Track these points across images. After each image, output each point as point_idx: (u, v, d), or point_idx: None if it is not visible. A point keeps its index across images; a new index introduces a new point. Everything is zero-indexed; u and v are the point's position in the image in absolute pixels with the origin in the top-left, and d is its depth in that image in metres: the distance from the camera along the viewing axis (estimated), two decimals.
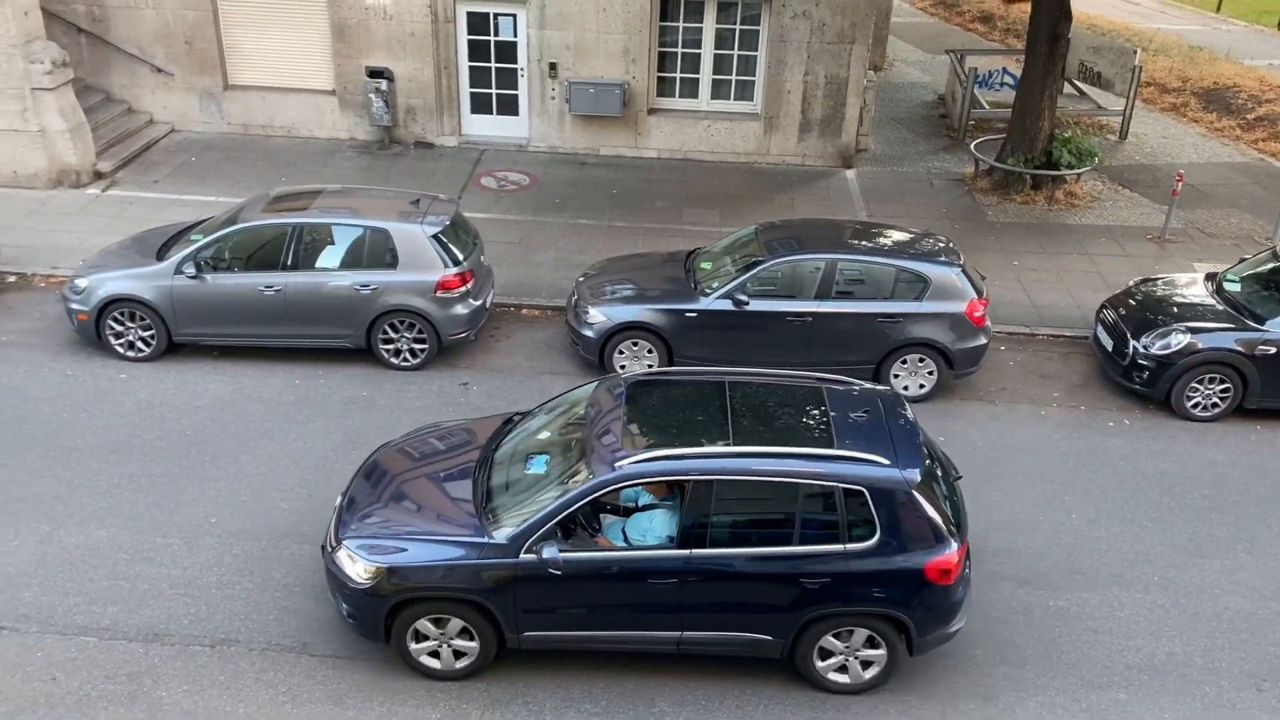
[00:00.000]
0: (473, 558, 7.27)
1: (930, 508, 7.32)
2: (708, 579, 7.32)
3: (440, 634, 7.53)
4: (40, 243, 13.74)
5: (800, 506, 7.32)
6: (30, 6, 14.67)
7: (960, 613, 7.64)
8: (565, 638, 7.59)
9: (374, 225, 11.27)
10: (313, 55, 17.39)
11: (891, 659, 7.64)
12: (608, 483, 7.25)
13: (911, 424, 7.91)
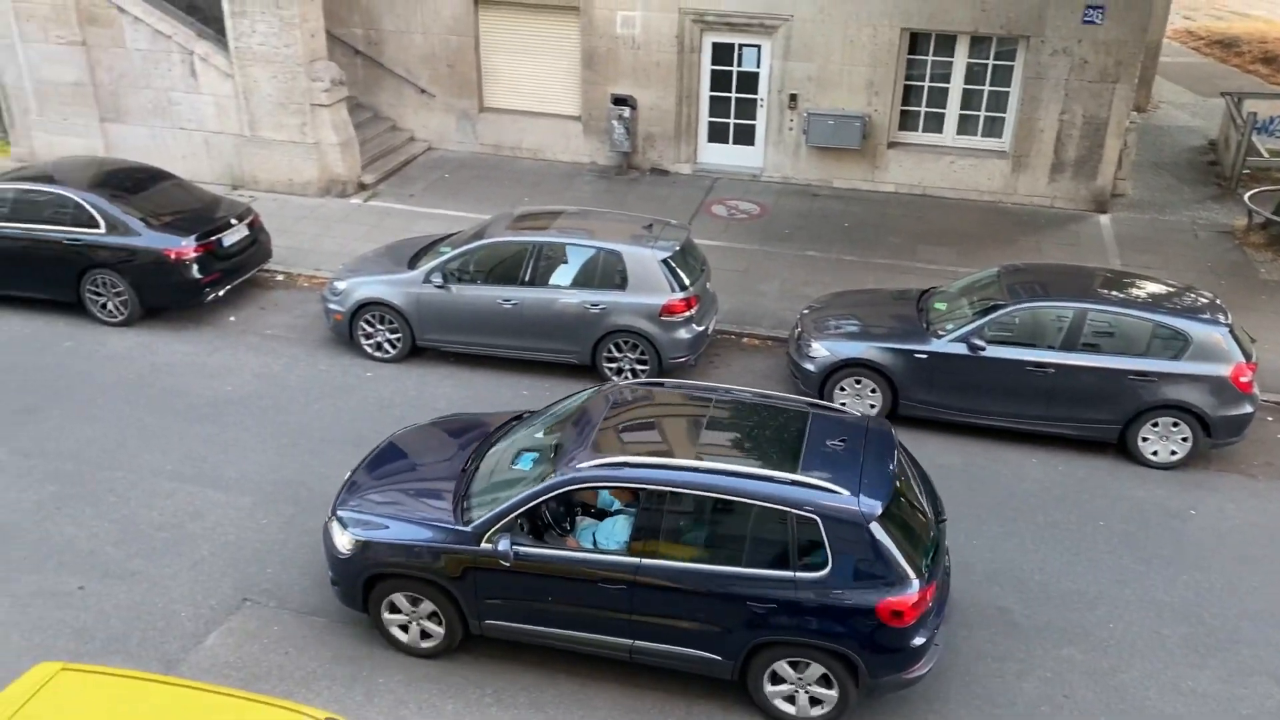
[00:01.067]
0: (440, 541, 7.56)
1: (890, 544, 6.96)
2: (657, 589, 7.26)
3: (413, 611, 7.85)
4: (307, 245, 14.92)
5: (752, 528, 7.17)
6: (317, 29, 16.04)
7: (923, 659, 7.19)
8: (523, 630, 7.72)
9: (607, 247, 11.53)
10: (562, 82, 18.11)
11: (843, 699, 7.32)
12: (562, 484, 7.37)
13: (891, 458, 7.52)
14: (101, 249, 12.36)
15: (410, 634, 7.98)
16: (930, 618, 7.20)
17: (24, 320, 12.79)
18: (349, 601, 8.04)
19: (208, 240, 12.59)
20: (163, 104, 16.62)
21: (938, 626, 7.36)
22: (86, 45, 16.38)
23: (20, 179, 12.99)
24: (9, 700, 5.52)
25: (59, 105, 16.94)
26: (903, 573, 6.99)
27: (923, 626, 7.13)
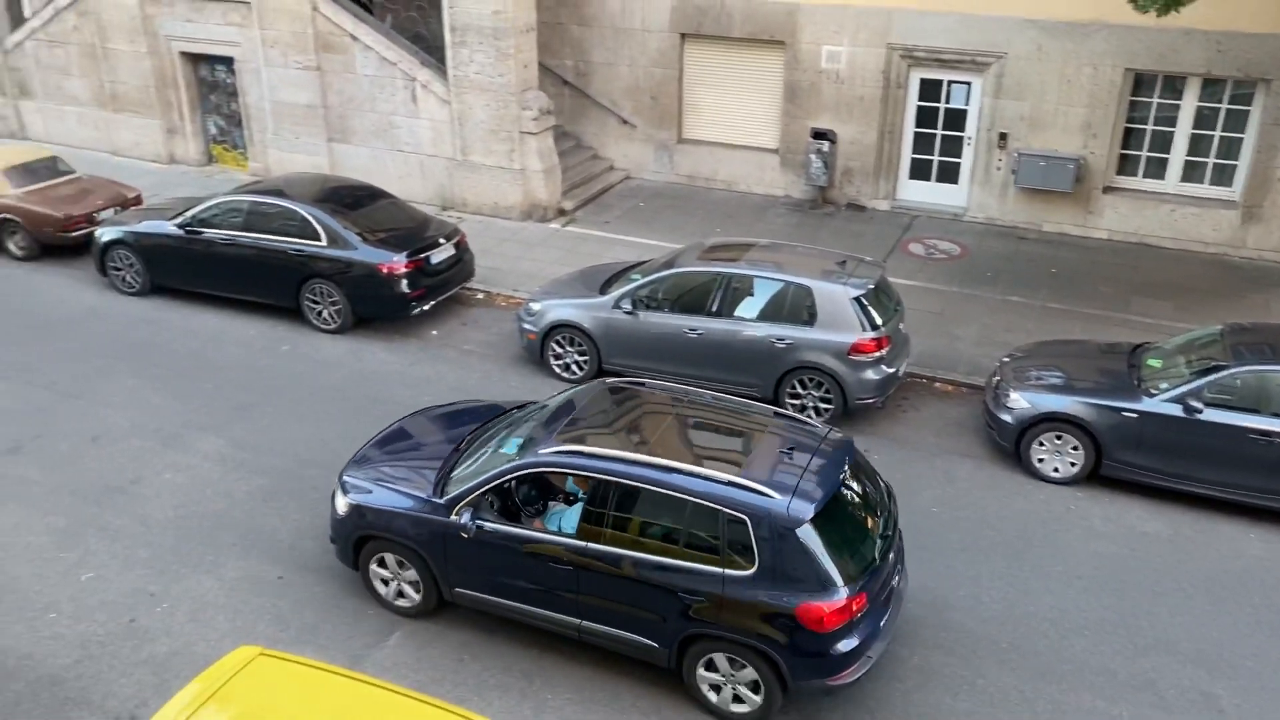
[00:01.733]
0: (418, 511, 8.23)
1: (818, 550, 7.11)
2: (601, 573, 7.64)
3: (396, 573, 8.53)
4: (507, 267, 15.48)
5: (687, 523, 7.44)
6: (530, 60, 16.69)
7: (848, 669, 7.26)
8: (485, 600, 8.26)
9: (797, 282, 11.40)
10: (762, 115, 18.13)
11: (768, 699, 7.47)
12: (521, 466, 7.93)
13: (840, 469, 7.67)
14: (321, 260, 13.21)
15: (390, 591, 8.64)
16: (858, 627, 7.26)
17: (248, 323, 13.80)
18: (343, 558, 8.78)
19: (417, 257, 13.24)
20: (384, 127, 17.67)
21: (872, 638, 7.41)
22: (321, 70, 17.64)
23: (254, 192, 14.06)
24: (212, 678, 5.90)
25: (292, 125, 18.29)
26: (829, 579, 7.13)
27: (848, 635, 7.21)
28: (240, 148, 19.50)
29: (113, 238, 14.38)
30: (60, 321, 13.78)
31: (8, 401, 11.78)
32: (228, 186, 15.83)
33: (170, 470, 10.56)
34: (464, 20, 16.24)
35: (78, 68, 20.01)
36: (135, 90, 19.51)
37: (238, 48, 18.33)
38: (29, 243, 15.52)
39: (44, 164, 16.19)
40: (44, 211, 15.33)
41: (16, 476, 10.39)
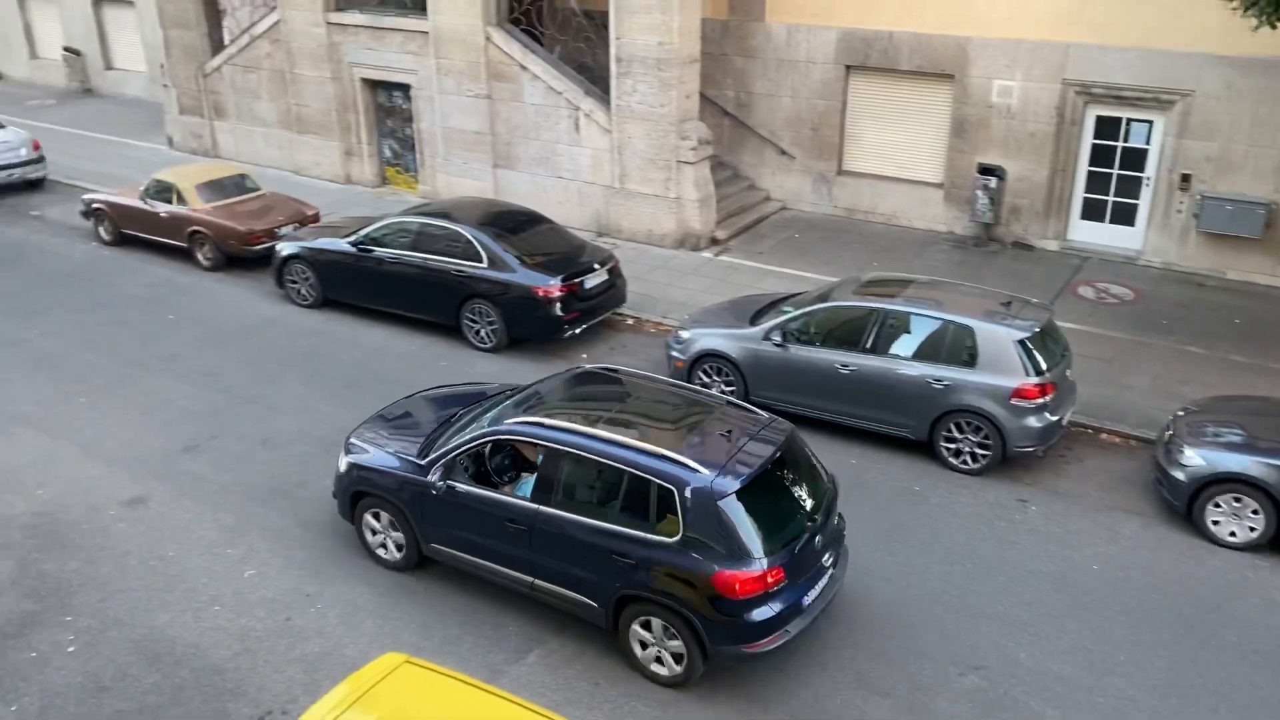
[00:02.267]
0: (402, 470, 9.06)
1: (738, 522, 7.61)
2: (550, 535, 8.28)
3: (385, 529, 9.37)
4: (657, 294, 15.58)
5: (625, 491, 8.00)
6: (692, 91, 16.84)
7: (764, 638, 7.70)
8: (454, 556, 9.02)
9: (958, 321, 11.04)
10: (926, 148, 17.75)
11: (690, 661, 7.98)
12: (487, 434, 8.72)
13: (774, 452, 8.11)
14: (482, 281, 13.60)
15: (374, 542, 9.54)
16: (775, 599, 7.70)
17: (410, 338, 14.32)
18: (343, 513, 9.68)
19: (572, 281, 13.49)
20: (547, 154, 18.12)
21: (792, 613, 7.84)
22: (490, 99, 18.26)
23: (423, 214, 14.62)
24: (359, 682, 6.09)
25: (461, 150, 18.97)
26: (746, 550, 7.62)
27: (764, 605, 7.66)
28: (411, 171, 20.35)
29: (291, 252, 15.20)
30: (239, 329, 14.62)
31: (190, 403, 12.55)
32: (398, 207, 16.54)
33: (331, 477, 11.00)
34: (629, 51, 16.53)
35: (267, 91, 21.33)
36: (318, 114, 20.65)
37: (415, 75, 19.18)
38: (216, 254, 16.57)
39: (233, 181, 17.29)
40: (230, 225, 16.36)
41: (194, 473, 11.04)
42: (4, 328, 14.54)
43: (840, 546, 8.68)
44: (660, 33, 16.14)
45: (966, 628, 8.87)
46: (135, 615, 8.93)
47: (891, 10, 17.11)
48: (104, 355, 13.74)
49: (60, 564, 9.59)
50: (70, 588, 9.28)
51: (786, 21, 18.09)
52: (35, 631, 8.75)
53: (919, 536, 10.07)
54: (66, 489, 10.76)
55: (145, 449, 11.51)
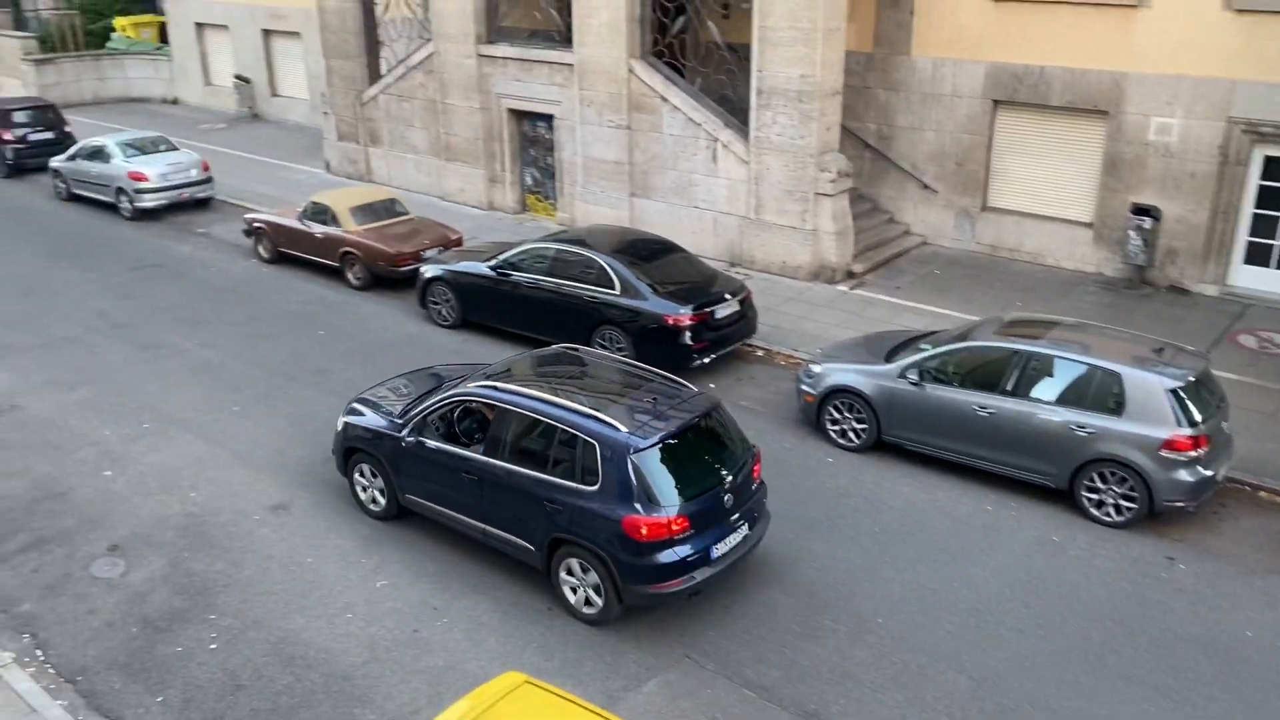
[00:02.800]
0: (382, 429, 10.31)
1: (649, 474, 8.64)
2: (496, 485, 9.40)
3: (370, 481, 10.60)
4: (789, 326, 15.46)
5: (557, 446, 9.07)
6: (833, 123, 16.72)
7: (670, 580, 8.66)
8: (424, 505, 10.20)
9: (1105, 366, 10.58)
10: (1076, 186, 17.15)
11: (606, 598, 8.92)
12: (450, 396, 9.97)
13: (691, 417, 9.12)
14: (613, 308, 13.77)
15: (366, 498, 10.75)
16: (680, 545, 8.67)
17: None
18: (340, 468, 10.96)
19: (703, 311, 13.52)
20: (683, 184, 18.27)
21: (699, 562, 8.79)
22: (630, 129, 18.53)
23: (560, 240, 14.92)
24: (480, 699, 6.19)
25: (599, 179, 19.30)
26: (654, 499, 8.62)
27: (668, 549, 8.64)
28: (551, 198, 20.81)
29: (434, 274, 15.72)
30: (383, 347, 15.18)
31: (334, 416, 12.99)
32: (537, 234, 16.91)
33: None
34: (771, 84, 16.54)
35: (419, 120, 22.19)
36: (466, 142, 21.35)
37: (558, 106, 19.65)
38: (365, 274, 17.28)
39: (383, 204, 18.02)
40: (379, 247, 17.04)
41: (334, 484, 11.47)
42: (168, 337, 15.47)
43: (758, 510, 9.59)
44: (803, 65, 16.10)
45: (1104, 689, 8.43)
46: (273, 618, 9.31)
47: (1044, 45, 16.64)
48: (257, 367, 14.46)
49: (208, 564, 10.10)
50: (215, 587, 9.75)
51: (932, 55, 17.81)
52: (182, 627, 9.22)
53: (1055, 589, 9.65)
54: (217, 492, 11.34)
55: (291, 458, 12.03)
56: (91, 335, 15.58)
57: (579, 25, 18.63)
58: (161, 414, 13.08)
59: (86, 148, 22.30)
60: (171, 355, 14.82)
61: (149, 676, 8.64)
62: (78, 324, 15.98)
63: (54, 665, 8.77)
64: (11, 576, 9.92)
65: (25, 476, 11.66)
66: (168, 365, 14.47)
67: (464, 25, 20.41)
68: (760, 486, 9.68)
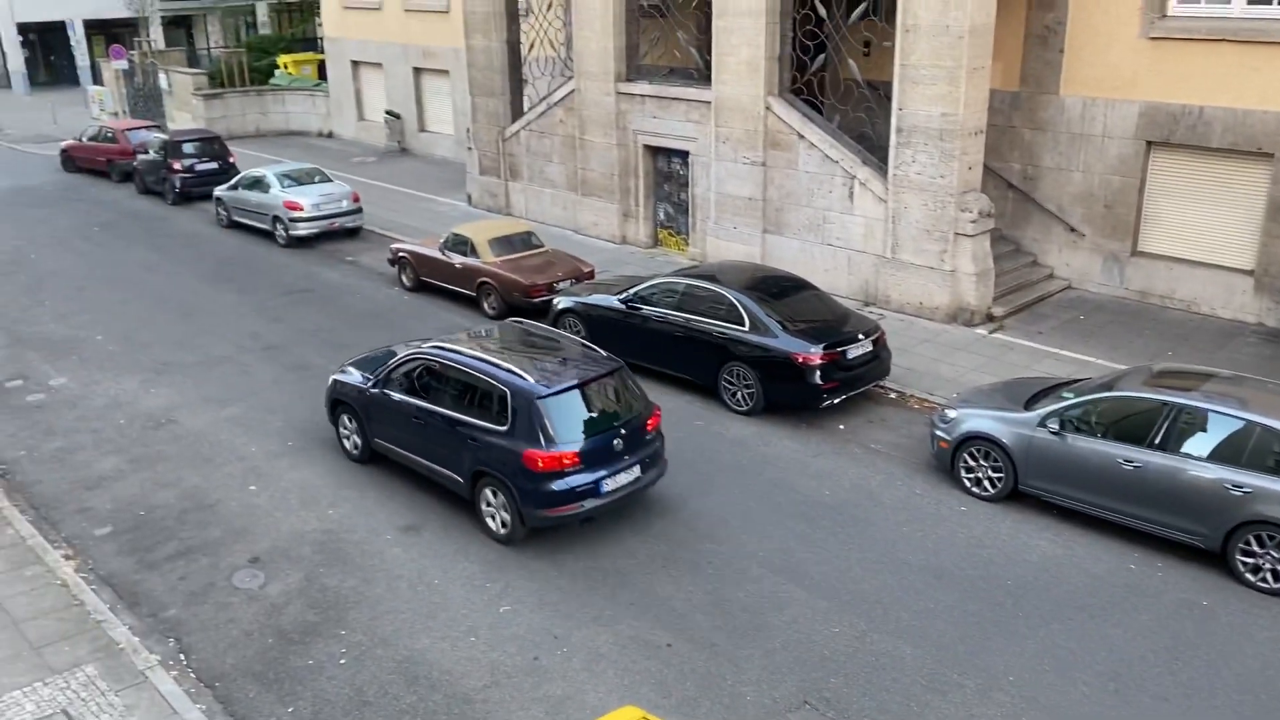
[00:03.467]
0: (361, 384, 12.44)
1: (547, 418, 10.47)
2: (435, 428, 11.34)
3: (350, 429, 12.68)
4: (923, 368, 15.09)
5: (479, 394, 10.97)
6: (975, 162, 16.35)
7: (561, 506, 10.44)
8: (388, 448, 12.20)
9: (1265, 423, 9.96)
10: (1236, 231, 16.29)
11: (513, 522, 10.73)
12: (407, 356, 12.00)
13: (594, 376, 11.02)
14: (742, 344, 13.72)
15: (349, 444, 12.83)
16: (571, 477, 10.48)
17: (670, 395, 14.62)
18: (329, 418, 13.05)
19: (834, 350, 13.33)
20: (817, 221, 18.12)
21: (589, 494, 10.58)
22: (765, 166, 18.53)
23: (690, 275, 14.98)
24: None
25: (732, 215, 19.33)
26: (549, 437, 10.44)
27: (560, 479, 10.45)
28: (683, 233, 20.95)
29: (566, 306, 15.99)
30: None
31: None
32: (667, 268, 17.04)
33: (585, 522, 11.37)
34: (911, 122, 16.30)
35: (558, 155, 22.71)
36: (601, 177, 21.73)
37: (694, 142, 19.82)
38: (500, 304, 17.71)
39: (520, 237, 18.47)
40: (515, 278, 17.45)
41: (463, 508, 11.72)
42: (314, 359, 16.16)
43: (652, 458, 11.31)
44: (945, 104, 15.82)
45: None
46: (400, 636, 9.54)
47: (1203, 84, 15.91)
48: None
49: (341, 580, 10.44)
50: (347, 603, 10.06)
51: (1082, 95, 17.24)
52: (314, 641, 9.54)
53: (1204, 657, 9.07)
54: (353, 511, 11.73)
55: (423, 481, 12.35)
56: (244, 355, 16.41)
57: (718, 63, 18.79)
58: (305, 433, 13.64)
59: (247, 178, 23.63)
60: (316, 377, 15.44)
61: (281, 687, 8.96)
62: (232, 344, 16.86)
63: (195, 670, 9.19)
64: (161, 583, 10.47)
65: (178, 487, 12.32)
66: (313, 386, 15.08)
67: (604, 64, 20.84)
68: (657, 437, 11.44)
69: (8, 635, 9.40)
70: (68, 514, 11.78)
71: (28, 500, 12.05)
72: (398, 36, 31.57)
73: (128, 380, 15.47)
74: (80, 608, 9.81)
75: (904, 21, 16.03)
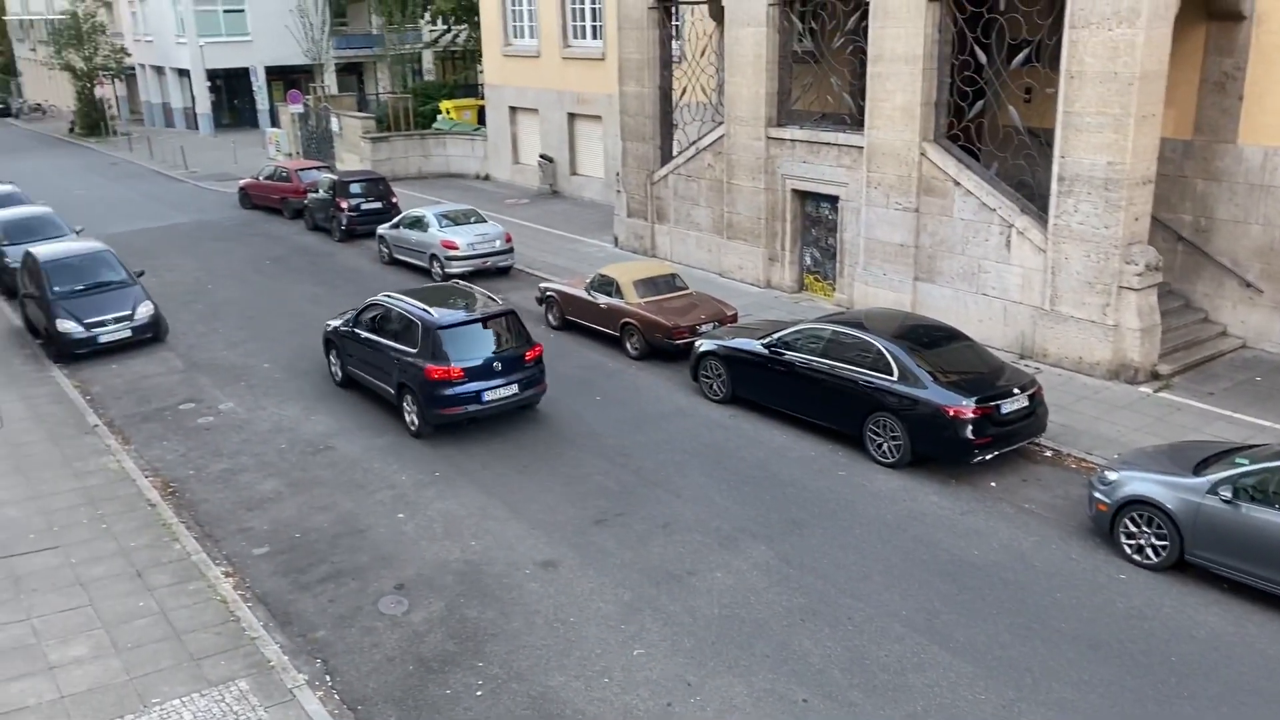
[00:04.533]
0: (342, 327, 16.62)
1: (443, 344, 14.51)
2: (378, 354, 15.51)
3: (335, 361, 16.98)
4: (1082, 427, 14.39)
5: (404, 328, 15.05)
6: (1143, 213, 15.62)
7: (450, 408, 14.46)
8: (356, 375, 16.42)
9: None
10: None
11: (420, 422, 14.81)
12: (366, 304, 16.30)
13: (483, 314, 15.16)
14: (890, 394, 13.39)
15: (336, 375, 17.03)
16: (458, 387, 14.38)
17: (811, 443, 14.39)
18: (324, 353, 17.38)
19: (987, 404, 12.86)
20: (972, 270, 17.62)
21: (470, 401, 14.47)
22: (918, 212, 18.17)
23: (837, 322, 14.75)
24: None
25: (881, 261, 19.00)
26: (444, 357, 14.38)
27: (449, 388, 14.34)
28: (829, 279, 20.70)
29: (707, 349, 15.98)
30: (654, 416, 15.55)
31: (604, 478, 13.50)
32: (813, 314, 16.84)
33: (721, 570, 11.25)
34: (1074, 170, 15.72)
35: (704, 199, 22.85)
36: (747, 220, 21.74)
37: (844, 187, 19.62)
38: (642, 344, 17.84)
39: (665, 279, 18.60)
40: (657, 319, 17.57)
41: (599, 546, 11.79)
42: None
43: (529, 382, 15.07)
44: (1111, 152, 15.20)
45: None
46: (535, 672, 9.61)
47: None
48: (538, 426, 15.22)
49: (480, 611, 10.61)
50: (485, 635, 10.21)
51: (1264, 144, 16.27)
52: (452, 671, 9.70)
53: None
54: (494, 543, 11.95)
55: (562, 516, 12.50)
56: None
57: (872, 109, 18.60)
58: (452, 464, 14.01)
59: (408, 217, 24.66)
60: None
61: (419, 715, 9.13)
62: None
63: (339, 692, 9.47)
64: (312, 604, 10.87)
65: (332, 512, 12.81)
66: None
67: (755, 109, 20.92)
68: (536, 366, 15.16)
69: (170, 647, 9.92)
70: (229, 533, 12.39)
71: (194, 518, 12.75)
72: (554, 83, 32.52)
73: (290, 407, 16.25)
74: (236, 624, 10.27)
75: (1069, 68, 15.52)
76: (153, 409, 16.31)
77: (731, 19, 21.04)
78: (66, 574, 11.23)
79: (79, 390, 17.09)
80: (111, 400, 16.73)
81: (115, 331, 18.69)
